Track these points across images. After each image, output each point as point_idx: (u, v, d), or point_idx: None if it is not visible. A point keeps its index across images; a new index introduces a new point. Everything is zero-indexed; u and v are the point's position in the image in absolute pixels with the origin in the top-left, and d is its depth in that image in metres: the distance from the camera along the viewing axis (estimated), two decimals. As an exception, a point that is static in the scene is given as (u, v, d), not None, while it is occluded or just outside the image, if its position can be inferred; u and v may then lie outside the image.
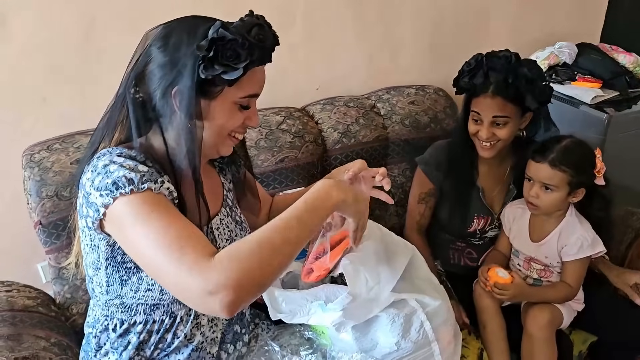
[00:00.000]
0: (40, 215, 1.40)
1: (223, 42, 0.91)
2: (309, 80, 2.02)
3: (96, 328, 1.11)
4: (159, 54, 0.96)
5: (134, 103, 0.99)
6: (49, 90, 1.61)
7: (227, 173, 1.28)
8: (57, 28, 1.57)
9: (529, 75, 1.45)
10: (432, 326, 1.22)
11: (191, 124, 0.95)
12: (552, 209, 1.51)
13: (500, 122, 1.51)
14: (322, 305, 1.14)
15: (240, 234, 1.21)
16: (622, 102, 2.18)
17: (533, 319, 1.50)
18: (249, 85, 0.99)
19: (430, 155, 1.74)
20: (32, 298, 1.41)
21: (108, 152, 0.98)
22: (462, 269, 1.76)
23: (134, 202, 0.91)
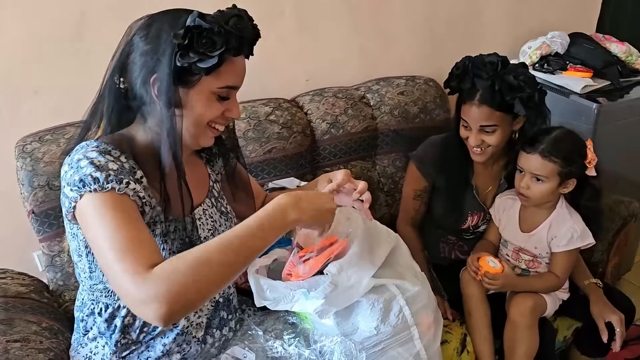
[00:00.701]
0: (32, 204, 1.44)
1: (199, 30, 0.93)
2: (299, 71, 2.04)
3: (83, 312, 1.15)
4: (141, 42, 0.99)
5: (117, 92, 1.02)
6: (40, 83, 1.64)
7: (215, 165, 1.30)
8: (48, 20, 1.59)
9: (514, 83, 1.42)
10: (412, 311, 1.24)
11: (170, 111, 0.97)
12: (543, 200, 1.52)
13: (489, 130, 1.50)
14: (305, 293, 1.17)
15: (225, 224, 1.23)
16: (613, 92, 2.18)
17: (516, 306, 1.52)
18: (227, 75, 1.00)
19: (424, 152, 1.72)
20: (26, 285, 1.45)
21: (86, 146, 1.00)
22: (452, 262, 1.78)
23: (96, 200, 0.93)
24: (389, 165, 2.01)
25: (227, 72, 1.00)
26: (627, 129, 2.15)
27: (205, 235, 1.17)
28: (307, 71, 2.05)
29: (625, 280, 2.35)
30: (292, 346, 1.21)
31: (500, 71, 1.44)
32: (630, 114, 2.15)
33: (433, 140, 1.74)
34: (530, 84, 1.44)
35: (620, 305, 1.59)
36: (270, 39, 1.92)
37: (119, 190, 0.95)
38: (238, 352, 1.21)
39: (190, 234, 1.12)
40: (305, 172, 1.85)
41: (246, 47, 1.02)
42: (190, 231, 1.12)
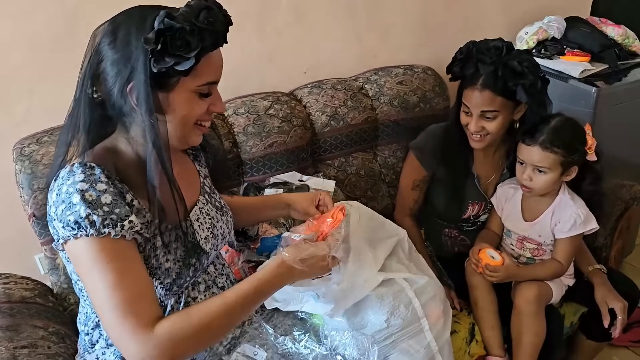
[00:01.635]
0: (33, 207, 1.43)
1: (171, 32, 0.87)
2: (296, 63, 2.02)
3: (88, 325, 1.13)
4: (109, 50, 0.93)
5: (93, 104, 0.97)
6: (35, 82, 1.62)
7: (202, 160, 1.28)
8: (40, 18, 1.57)
9: (518, 68, 1.40)
10: (421, 302, 1.24)
11: (152, 119, 0.92)
12: (546, 190, 1.51)
13: (490, 116, 1.48)
14: (314, 296, 1.17)
15: (222, 219, 1.21)
16: (611, 75, 2.18)
17: (521, 294, 1.51)
18: (205, 72, 0.96)
19: (424, 142, 1.70)
20: (30, 289, 1.43)
21: (72, 174, 0.94)
22: (457, 255, 1.77)
23: (93, 246, 0.91)
24: (389, 156, 2.00)
25: (206, 69, 0.95)
26: (626, 112, 2.15)
27: (205, 235, 1.14)
28: (304, 63, 2.03)
29: (627, 262, 2.36)
30: (303, 342, 1.21)
31: (505, 56, 1.42)
32: (629, 96, 2.15)
33: (433, 129, 1.73)
34: (534, 71, 1.42)
35: (625, 289, 1.60)
36: (267, 31, 1.92)
37: (115, 235, 0.92)
38: (249, 350, 1.20)
39: (192, 238, 1.10)
40: (307, 166, 1.84)
41: (222, 39, 0.97)
42: (192, 235, 1.10)
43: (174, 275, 1.05)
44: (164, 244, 1.03)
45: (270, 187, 1.67)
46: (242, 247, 1.53)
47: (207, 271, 1.20)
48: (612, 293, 1.56)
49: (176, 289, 1.09)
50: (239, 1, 1.80)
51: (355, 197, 1.90)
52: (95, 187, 0.93)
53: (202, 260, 1.13)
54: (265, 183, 1.72)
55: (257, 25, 1.88)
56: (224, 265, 1.29)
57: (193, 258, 1.09)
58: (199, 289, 1.17)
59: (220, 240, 1.21)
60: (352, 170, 1.93)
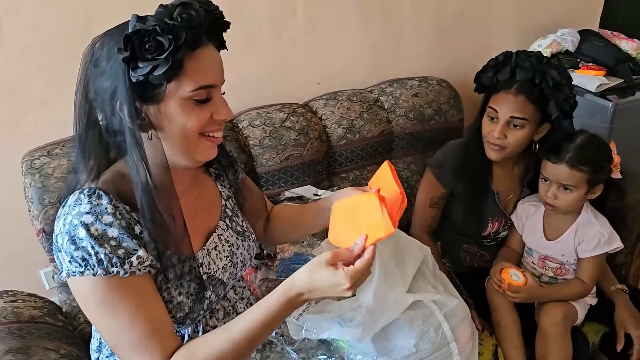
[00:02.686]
0: (43, 222, 1.37)
1: (139, 35, 0.80)
2: (311, 74, 1.98)
3: (102, 353, 1.08)
4: (95, 69, 0.87)
5: (96, 128, 0.91)
6: (47, 94, 1.57)
7: (225, 179, 1.18)
8: (53, 30, 1.53)
9: (557, 78, 1.39)
10: (450, 326, 1.21)
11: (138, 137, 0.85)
12: (571, 208, 1.48)
13: (517, 124, 1.45)
14: (340, 322, 1.13)
15: (243, 245, 1.14)
16: (626, 89, 2.16)
17: (546, 315, 1.48)
18: (196, 74, 0.86)
19: (442, 158, 1.66)
20: (38, 308, 1.38)
21: (78, 203, 0.88)
22: (476, 270, 1.74)
23: (102, 285, 0.86)
24: (404, 169, 1.96)
25: (195, 71, 0.86)
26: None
27: (223, 264, 1.07)
28: (318, 73, 2.00)
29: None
30: (328, 367, 1.17)
31: (545, 65, 1.41)
32: (644, 111, 2.12)
33: (451, 145, 1.69)
34: (570, 86, 1.42)
35: None
36: (282, 41, 1.88)
37: (124, 274, 0.86)
38: (273, 376, 1.15)
39: (207, 270, 1.04)
40: (322, 179, 1.80)
41: (204, 36, 0.87)
42: (207, 266, 1.04)
43: (186, 309, 0.99)
44: (176, 277, 0.96)
45: (286, 202, 1.62)
46: (259, 264, 1.48)
47: (226, 297, 1.15)
48: (632, 317, 1.53)
49: (189, 322, 1.03)
50: (255, 11, 1.77)
51: (369, 211, 1.86)
52: (102, 220, 0.87)
53: (218, 291, 1.07)
54: (280, 197, 1.67)
55: (272, 35, 1.84)
56: (244, 288, 1.24)
57: (208, 291, 1.03)
58: (218, 317, 1.11)
59: (240, 268, 1.14)
60: (367, 184, 1.88)
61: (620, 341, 1.51)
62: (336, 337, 1.17)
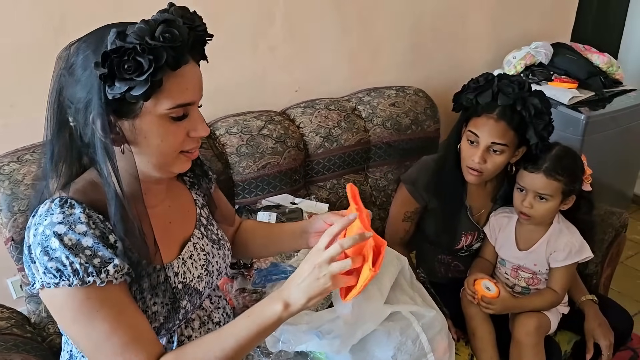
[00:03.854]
0: (12, 231, 1.32)
1: (118, 54, 0.77)
2: (288, 81, 1.98)
3: None
4: (70, 77, 0.84)
5: (68, 136, 0.88)
6: (17, 96, 1.52)
7: (199, 188, 1.16)
8: (25, 29, 1.48)
9: (538, 107, 1.39)
10: (428, 337, 1.20)
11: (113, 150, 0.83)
12: (545, 218, 1.50)
13: (497, 150, 1.44)
14: (318, 334, 1.12)
15: (218, 253, 1.12)
16: (597, 102, 2.21)
17: (520, 325, 1.49)
18: (174, 93, 0.84)
19: (416, 175, 1.65)
20: (5, 319, 1.33)
21: (50, 213, 0.85)
22: (450, 281, 1.74)
23: (77, 296, 0.83)
24: (380, 178, 1.97)
25: (174, 90, 0.84)
26: (611, 139, 2.18)
27: (198, 273, 1.05)
28: (296, 81, 1.99)
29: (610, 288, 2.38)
30: (305, 379, 1.15)
31: (526, 92, 1.41)
32: (614, 124, 2.18)
33: (425, 162, 1.68)
34: (550, 113, 1.42)
35: (617, 322, 1.59)
36: (260, 48, 1.87)
37: (101, 283, 0.84)
38: (249, 388, 1.14)
39: (183, 279, 1.01)
40: (299, 188, 1.79)
41: (186, 55, 0.84)
42: (182, 275, 1.02)
43: (161, 319, 0.97)
44: (151, 286, 0.94)
45: (263, 211, 1.61)
46: (235, 274, 1.46)
47: (202, 306, 1.12)
48: (600, 327, 1.55)
49: (164, 332, 1.01)
50: (233, 17, 1.75)
51: (346, 220, 1.86)
52: (75, 229, 0.84)
53: (194, 301, 1.05)
54: (257, 206, 1.66)
55: (250, 43, 1.83)
56: (220, 297, 1.21)
57: (184, 300, 1.01)
58: (193, 326, 1.09)
59: (215, 277, 1.12)
60: (344, 193, 1.88)
61: (589, 351, 1.53)
62: (314, 350, 1.16)
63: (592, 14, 2.81)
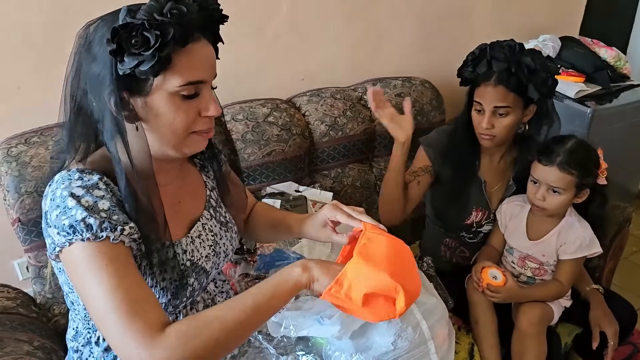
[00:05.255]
0: (19, 212, 1.34)
1: (127, 29, 0.79)
2: (294, 69, 1.98)
3: (78, 342, 1.05)
4: (86, 54, 0.86)
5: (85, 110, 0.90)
6: (24, 78, 1.53)
7: (209, 170, 1.19)
8: (32, 11, 1.49)
9: (531, 65, 1.43)
10: (428, 325, 1.20)
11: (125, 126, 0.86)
12: (559, 211, 1.51)
13: (502, 113, 1.49)
14: (319, 319, 1.13)
15: (225, 235, 1.14)
16: (604, 96, 2.20)
17: (524, 315, 1.50)
18: (184, 70, 0.85)
19: (434, 139, 1.69)
20: (11, 299, 1.35)
21: (68, 178, 0.88)
22: (454, 266, 1.75)
23: (90, 250, 0.84)
24: (385, 168, 1.96)
25: (184, 66, 0.85)
26: (618, 133, 2.17)
27: (206, 253, 1.07)
28: (302, 70, 1.99)
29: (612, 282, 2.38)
30: (307, 363, 1.16)
31: (518, 54, 1.45)
32: (621, 118, 2.17)
33: (443, 129, 1.72)
34: (545, 69, 1.45)
35: (622, 312, 1.60)
36: (266, 36, 1.87)
37: (114, 239, 0.85)
38: (251, 372, 1.15)
39: (191, 257, 1.03)
40: (303, 176, 1.80)
41: (195, 32, 0.86)
42: (190, 253, 1.03)
43: (169, 295, 0.98)
44: (160, 262, 0.95)
45: (267, 197, 1.62)
46: (239, 259, 1.47)
47: (206, 289, 1.14)
48: (606, 316, 1.56)
49: (172, 309, 1.02)
50: (240, 5, 1.75)
51: (350, 209, 1.87)
52: (92, 193, 0.87)
53: (201, 279, 1.06)
54: (262, 192, 1.66)
55: (256, 30, 1.83)
56: (224, 281, 1.23)
57: (191, 278, 1.02)
58: (198, 308, 1.10)
59: (222, 259, 1.14)
60: (348, 182, 1.89)
61: (595, 339, 1.54)
62: (315, 335, 1.17)
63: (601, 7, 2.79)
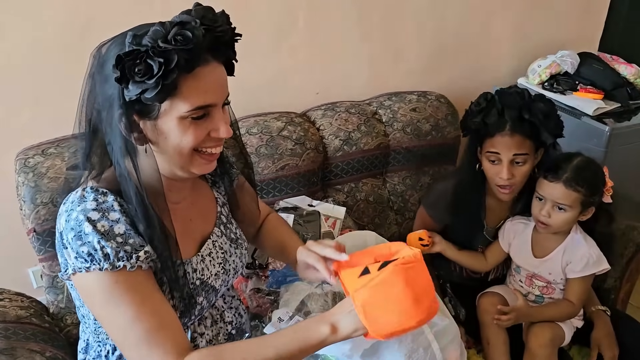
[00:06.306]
0: (34, 222, 1.35)
1: (131, 56, 0.79)
2: (309, 83, 1.99)
3: (89, 354, 1.07)
4: (99, 76, 0.87)
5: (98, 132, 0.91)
6: (43, 90, 1.56)
7: (221, 186, 1.18)
8: (52, 26, 1.52)
9: (544, 110, 1.42)
10: (440, 346, 1.20)
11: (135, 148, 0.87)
12: (563, 228, 1.49)
13: (520, 160, 1.46)
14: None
15: (235, 252, 1.14)
16: (622, 114, 2.17)
17: (534, 336, 1.48)
18: (192, 95, 0.84)
19: (436, 199, 1.67)
20: (25, 308, 1.36)
21: (83, 200, 0.89)
22: (465, 280, 1.74)
23: (107, 280, 0.86)
24: (398, 183, 1.96)
25: (191, 92, 0.84)
26: (637, 151, 2.14)
27: (216, 271, 1.07)
28: (317, 83, 2.00)
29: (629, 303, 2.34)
30: (315, 382, 1.15)
31: (529, 100, 1.44)
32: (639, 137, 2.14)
33: (442, 188, 1.68)
34: (555, 110, 1.45)
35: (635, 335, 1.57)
36: (282, 49, 1.88)
37: (131, 268, 0.86)
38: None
39: (201, 275, 1.03)
40: (316, 190, 1.80)
41: (204, 56, 0.85)
42: (200, 272, 1.03)
43: (177, 313, 0.98)
44: (171, 280, 0.96)
45: (281, 212, 1.62)
46: (251, 274, 1.47)
47: (214, 305, 1.14)
48: (608, 338, 1.53)
49: None
50: (257, 19, 1.76)
51: (362, 223, 1.87)
52: (108, 217, 0.88)
53: (210, 298, 1.07)
54: (275, 207, 1.66)
55: (273, 44, 1.84)
56: (233, 297, 1.23)
57: (200, 296, 1.03)
58: (206, 324, 1.11)
59: (232, 276, 1.14)
60: (362, 197, 1.88)
61: (592, 359, 1.52)
62: (325, 353, 1.16)
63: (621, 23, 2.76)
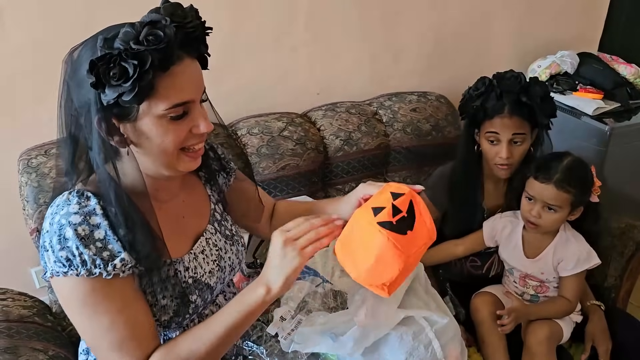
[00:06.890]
0: (37, 222, 1.37)
1: (104, 61, 0.78)
2: (310, 83, 2.00)
3: (90, 355, 1.08)
4: (73, 82, 0.86)
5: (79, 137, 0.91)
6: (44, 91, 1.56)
7: (215, 183, 1.17)
8: (55, 26, 1.52)
9: (541, 93, 1.48)
10: (440, 344, 1.21)
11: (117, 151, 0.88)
12: (553, 228, 1.50)
13: (518, 140, 1.51)
14: (332, 336, 1.14)
15: (231, 249, 1.14)
16: (622, 114, 2.18)
17: (532, 334, 1.49)
18: (170, 94, 0.84)
19: (435, 182, 1.69)
20: (28, 307, 1.37)
21: (67, 203, 0.89)
22: (466, 278, 1.74)
23: (83, 287, 0.87)
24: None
25: (168, 90, 0.83)
26: (637, 151, 2.14)
27: (210, 268, 1.07)
28: (317, 83, 2.00)
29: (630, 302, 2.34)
30: (317, 380, 1.16)
31: (524, 84, 1.49)
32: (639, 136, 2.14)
33: (442, 171, 1.72)
34: (549, 95, 1.52)
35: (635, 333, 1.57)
36: (283, 49, 1.89)
37: (108, 275, 0.87)
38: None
39: (194, 273, 1.03)
40: (317, 190, 1.81)
41: (176, 53, 0.83)
42: (193, 270, 1.03)
43: (171, 312, 0.99)
44: (160, 280, 0.96)
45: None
46: (252, 273, 1.47)
47: (215, 302, 1.15)
48: (602, 333, 1.55)
49: (175, 325, 1.03)
50: (257, 19, 1.77)
51: (363, 223, 1.87)
52: (89, 221, 0.88)
53: (205, 296, 1.07)
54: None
55: (273, 44, 1.85)
56: (234, 294, 1.23)
57: (194, 295, 1.03)
58: None
59: (227, 273, 1.14)
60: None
61: (586, 352, 1.54)
62: (327, 351, 1.17)
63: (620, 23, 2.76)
